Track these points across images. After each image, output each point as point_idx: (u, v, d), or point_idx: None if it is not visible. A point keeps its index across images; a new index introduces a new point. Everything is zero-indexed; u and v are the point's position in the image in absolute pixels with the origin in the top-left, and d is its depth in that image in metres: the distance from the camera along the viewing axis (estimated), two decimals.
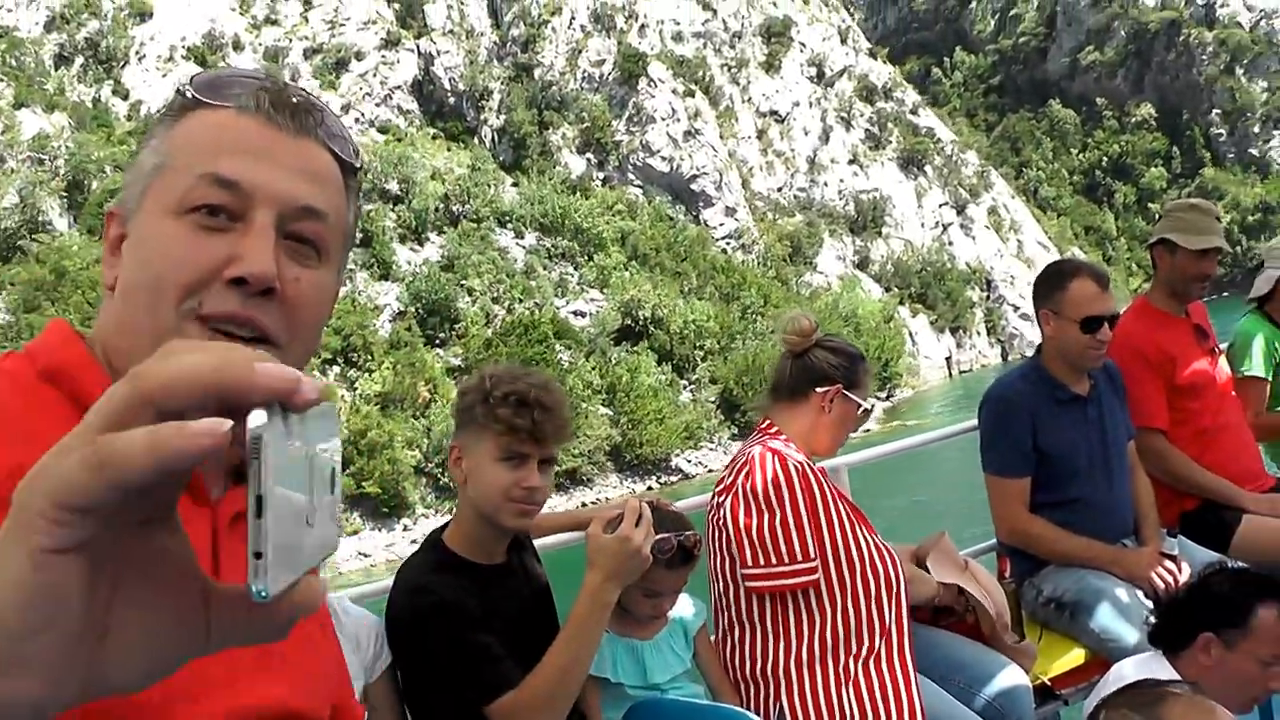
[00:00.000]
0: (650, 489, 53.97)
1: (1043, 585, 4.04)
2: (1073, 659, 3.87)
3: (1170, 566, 3.92)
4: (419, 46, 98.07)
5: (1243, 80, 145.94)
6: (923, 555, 3.75)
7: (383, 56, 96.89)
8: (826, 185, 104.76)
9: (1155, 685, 2.76)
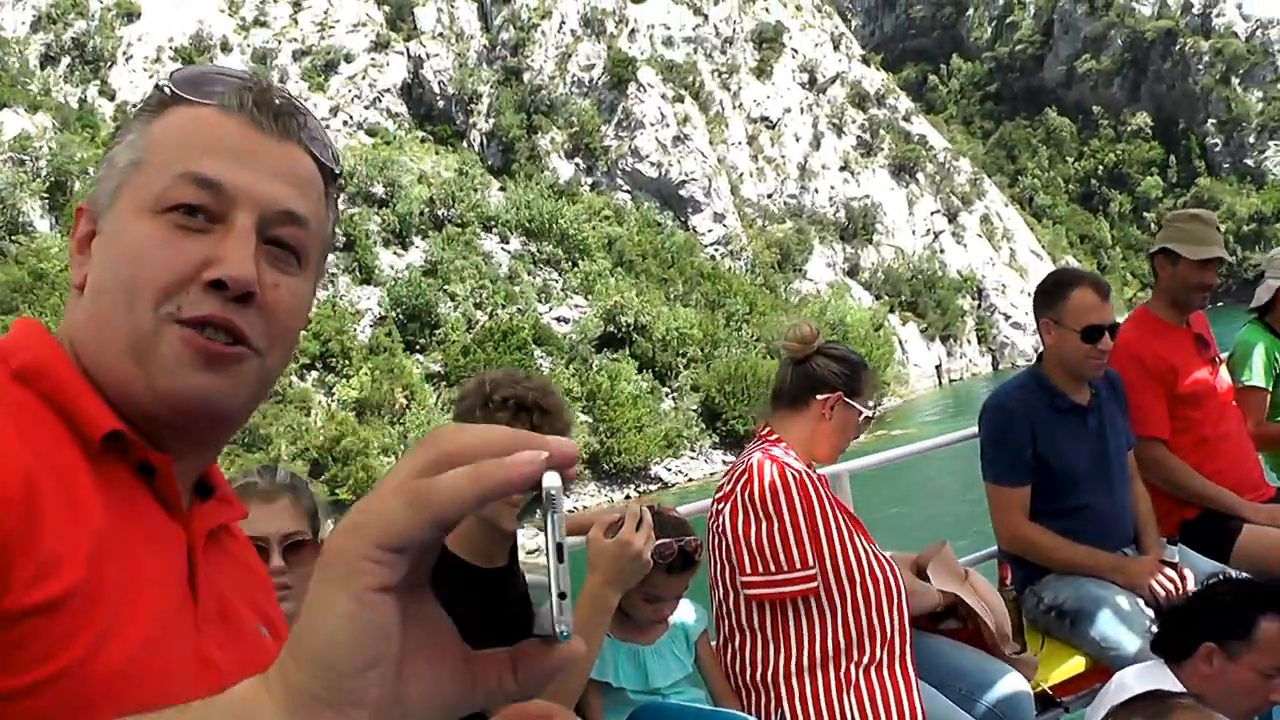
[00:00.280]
0: (628, 497, 53.44)
1: (1043, 593, 4.09)
2: (1073, 666, 3.93)
3: (1171, 575, 3.95)
4: (408, 49, 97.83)
5: (1238, 90, 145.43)
6: (923, 564, 3.77)
7: (372, 59, 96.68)
8: (817, 192, 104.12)
9: (1165, 697, 2.64)
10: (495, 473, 0.60)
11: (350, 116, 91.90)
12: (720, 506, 3.28)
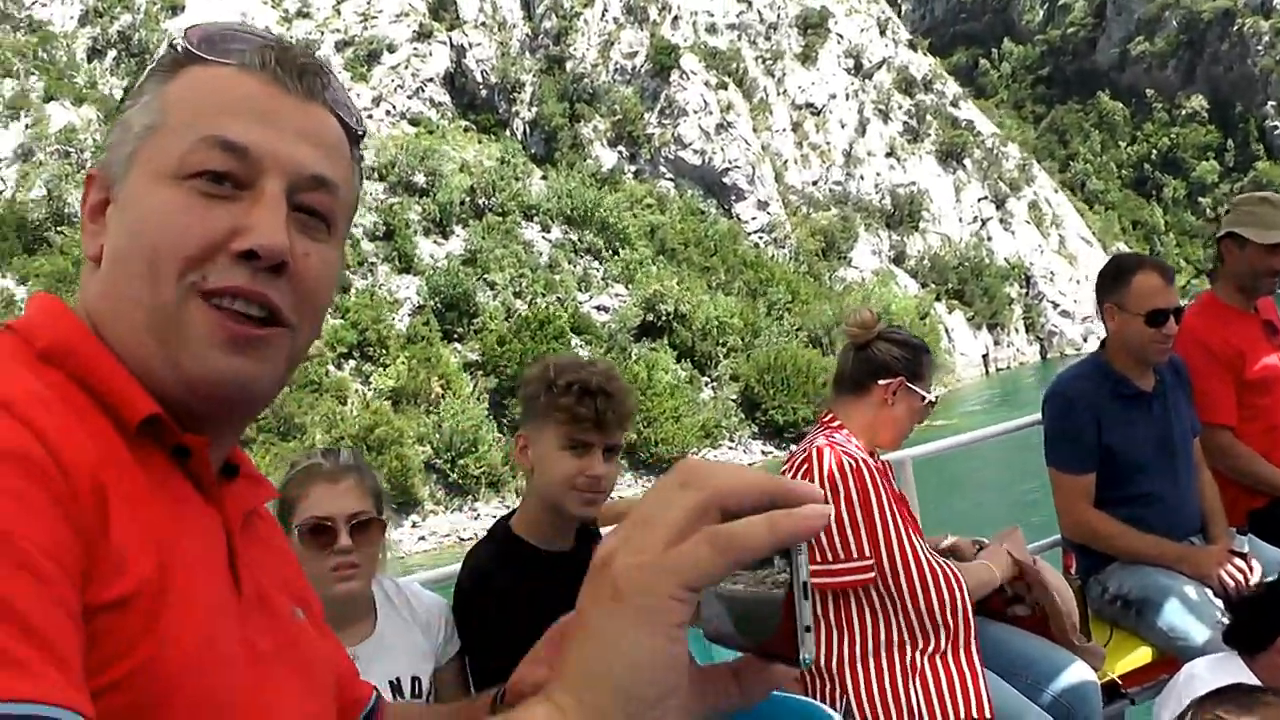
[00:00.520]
0: None
1: (1108, 582, 4.06)
2: (1140, 657, 3.89)
3: (1240, 564, 3.87)
4: (451, 39, 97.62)
5: None
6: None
7: (415, 49, 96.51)
8: (862, 179, 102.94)
9: (1250, 689, 2.51)
10: (788, 525, 0.66)
11: (393, 106, 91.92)
12: None
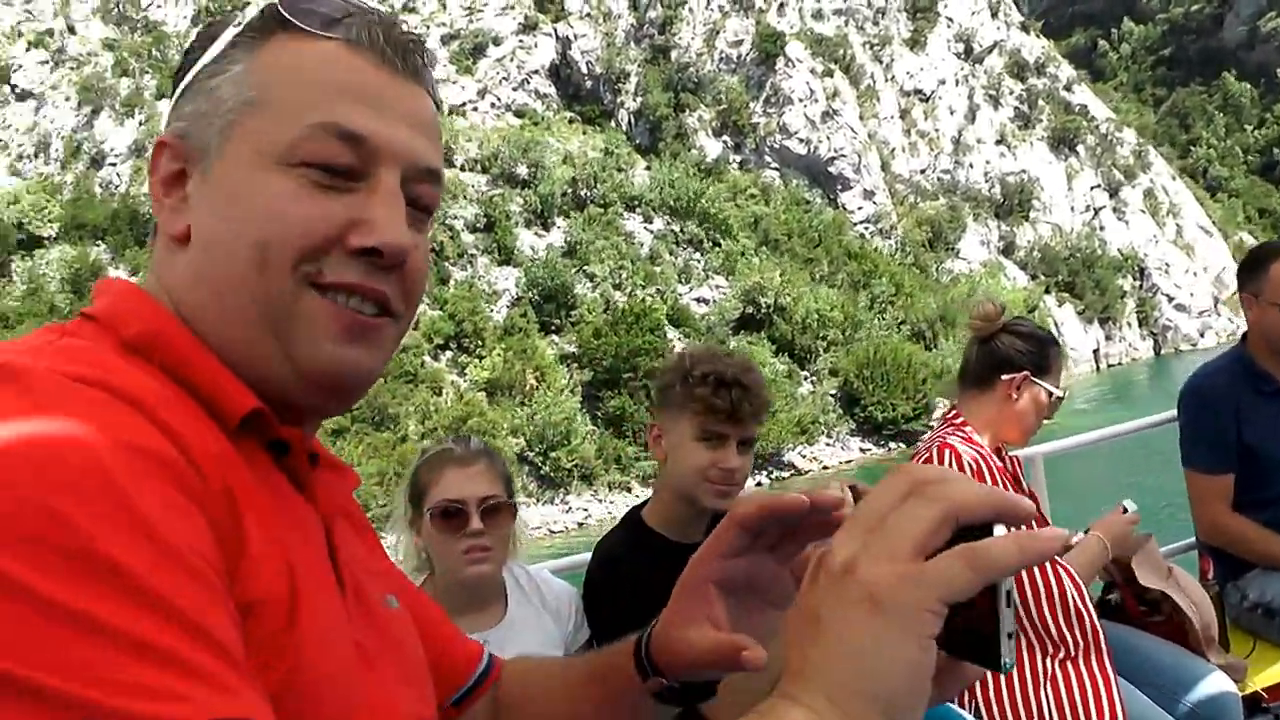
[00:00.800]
0: (759, 485, 52.99)
1: (1248, 589, 3.87)
2: None
3: None
4: (556, 30, 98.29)
5: None
6: (1127, 558, 3.63)
7: (520, 41, 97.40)
8: (972, 167, 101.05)
9: None
10: (1035, 547, 0.70)
11: (498, 98, 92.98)
12: None
